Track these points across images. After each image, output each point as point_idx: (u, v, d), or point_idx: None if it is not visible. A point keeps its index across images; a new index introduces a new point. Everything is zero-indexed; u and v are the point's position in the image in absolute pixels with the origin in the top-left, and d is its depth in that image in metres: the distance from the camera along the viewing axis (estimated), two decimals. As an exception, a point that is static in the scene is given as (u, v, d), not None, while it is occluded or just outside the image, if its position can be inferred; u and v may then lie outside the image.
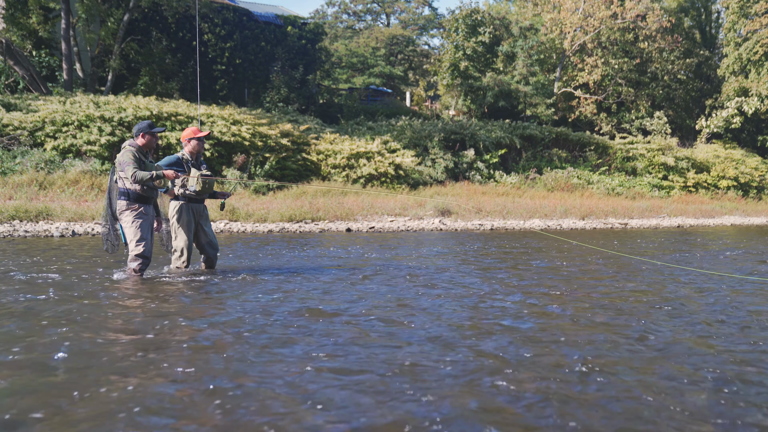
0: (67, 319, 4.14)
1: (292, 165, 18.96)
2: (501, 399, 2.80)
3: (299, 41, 28.84)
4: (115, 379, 2.95)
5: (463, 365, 3.27)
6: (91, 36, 22.24)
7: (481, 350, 3.58)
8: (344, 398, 2.75)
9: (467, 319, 4.41)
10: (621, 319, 4.51)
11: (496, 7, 35.78)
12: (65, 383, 2.88)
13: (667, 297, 5.52)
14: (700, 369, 3.28)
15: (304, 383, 2.94)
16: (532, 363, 3.34)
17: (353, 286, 5.81)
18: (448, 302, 5.05)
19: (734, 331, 4.17)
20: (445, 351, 3.54)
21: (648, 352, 3.59)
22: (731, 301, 5.32)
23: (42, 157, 14.90)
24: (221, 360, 3.31)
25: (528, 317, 4.53)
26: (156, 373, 3.04)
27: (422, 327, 4.12)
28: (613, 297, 5.50)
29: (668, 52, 30.51)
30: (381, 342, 3.71)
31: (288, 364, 3.24)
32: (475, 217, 17.04)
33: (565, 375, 3.14)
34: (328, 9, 52.26)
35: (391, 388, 2.89)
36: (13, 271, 6.34)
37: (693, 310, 4.93)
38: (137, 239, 5.67)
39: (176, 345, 3.58)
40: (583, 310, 4.81)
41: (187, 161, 6.14)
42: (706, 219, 21.30)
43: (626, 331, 4.09)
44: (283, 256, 8.33)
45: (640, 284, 6.33)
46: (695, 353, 3.60)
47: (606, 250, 9.84)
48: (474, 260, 8.32)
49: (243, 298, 5.04)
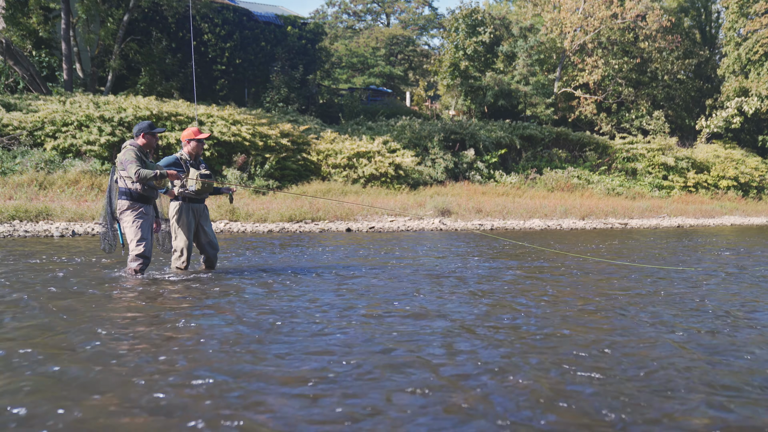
0: (67, 319, 4.14)
1: (292, 165, 18.95)
2: (495, 398, 2.80)
3: (299, 41, 28.84)
4: (114, 378, 2.95)
5: (464, 365, 3.28)
6: (91, 36, 22.23)
7: (480, 352, 3.58)
8: (344, 398, 2.76)
9: (466, 318, 4.41)
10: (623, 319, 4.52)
11: (496, 7, 35.80)
12: (65, 383, 2.88)
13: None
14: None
15: (304, 383, 2.94)
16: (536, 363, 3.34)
17: (353, 285, 5.80)
18: (449, 302, 5.06)
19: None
20: (446, 351, 3.55)
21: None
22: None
23: (42, 157, 14.89)
24: (221, 360, 3.31)
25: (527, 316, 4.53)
26: (156, 373, 3.04)
27: (421, 327, 4.12)
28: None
29: (668, 52, 30.50)
30: (381, 342, 3.71)
31: (288, 364, 3.24)
32: (475, 217, 17.03)
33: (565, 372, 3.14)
34: (328, 9, 52.31)
35: (391, 389, 2.89)
36: (13, 271, 6.34)
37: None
38: (138, 239, 5.67)
39: (176, 345, 3.58)
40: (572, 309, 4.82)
41: (185, 161, 6.14)
42: (706, 219, 21.30)
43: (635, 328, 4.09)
44: (283, 256, 8.33)
45: (640, 286, 6.33)
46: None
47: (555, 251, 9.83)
48: (474, 259, 8.32)
49: (243, 298, 5.04)
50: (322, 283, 5.93)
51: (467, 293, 5.55)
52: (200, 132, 6.23)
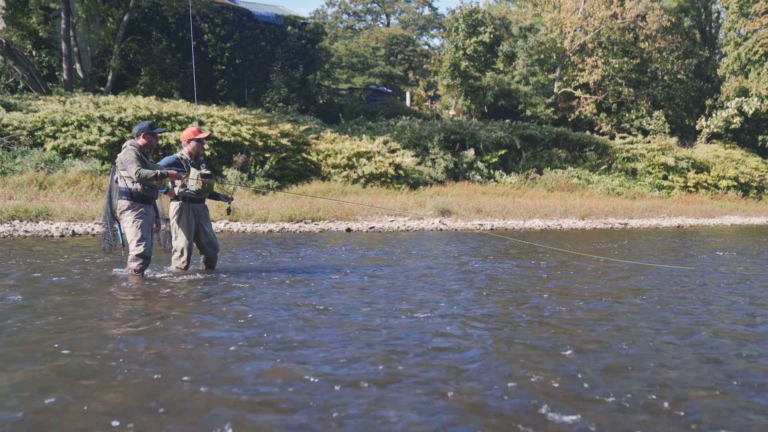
0: (67, 318, 4.14)
1: (292, 165, 18.94)
2: (496, 398, 2.80)
3: (299, 41, 28.84)
4: (114, 378, 2.95)
5: (463, 364, 3.28)
6: (91, 36, 22.23)
7: (478, 353, 3.58)
8: (344, 398, 2.75)
9: (463, 317, 4.41)
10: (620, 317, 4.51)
11: (496, 6, 35.79)
12: (65, 382, 2.88)
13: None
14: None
15: (304, 383, 2.94)
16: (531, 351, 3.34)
17: (354, 285, 5.80)
18: (448, 301, 5.06)
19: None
20: (446, 351, 3.55)
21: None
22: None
23: (42, 157, 14.89)
24: (221, 359, 3.30)
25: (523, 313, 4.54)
26: (155, 373, 3.04)
27: (423, 327, 4.12)
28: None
29: (668, 52, 30.50)
30: (382, 341, 3.71)
31: (288, 364, 3.24)
32: (475, 217, 17.03)
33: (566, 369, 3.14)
34: (328, 9, 52.34)
35: (391, 389, 2.89)
36: (13, 271, 6.34)
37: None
38: (138, 239, 5.67)
39: (175, 345, 3.58)
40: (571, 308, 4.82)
41: (186, 161, 6.14)
42: (706, 219, 21.30)
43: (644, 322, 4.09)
44: (283, 256, 8.33)
45: (637, 283, 6.33)
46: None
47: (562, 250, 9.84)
48: (474, 258, 8.32)
49: (243, 298, 5.04)
50: (322, 282, 5.93)
51: (470, 291, 5.55)
52: (200, 132, 6.23)
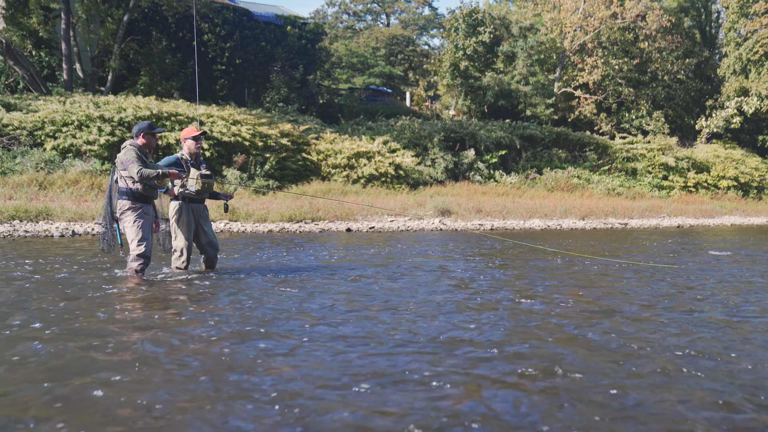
0: (68, 318, 4.14)
1: (292, 165, 18.95)
2: (494, 399, 2.80)
3: (299, 41, 28.84)
4: (114, 378, 2.95)
5: (462, 366, 3.28)
6: (91, 36, 22.23)
7: (481, 353, 3.58)
8: (343, 398, 2.76)
9: (463, 316, 4.41)
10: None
11: (496, 6, 35.79)
12: (65, 382, 2.88)
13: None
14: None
15: (304, 383, 2.94)
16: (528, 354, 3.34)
17: (354, 285, 5.80)
18: (448, 301, 5.05)
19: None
20: (446, 351, 3.55)
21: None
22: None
23: (42, 157, 14.90)
24: (220, 360, 3.31)
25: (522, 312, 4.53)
26: (155, 373, 3.04)
27: (424, 326, 4.12)
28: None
29: (668, 52, 30.51)
30: (383, 341, 3.71)
31: (288, 364, 3.24)
32: (475, 217, 17.04)
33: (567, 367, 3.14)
34: (328, 9, 52.35)
35: (391, 389, 2.89)
36: (13, 271, 6.34)
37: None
38: (138, 239, 5.67)
39: (175, 345, 3.58)
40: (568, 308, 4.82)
41: (186, 161, 6.13)
42: (706, 219, 21.31)
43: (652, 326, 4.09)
44: (283, 256, 8.33)
45: (630, 284, 6.33)
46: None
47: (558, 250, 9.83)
48: (474, 258, 8.32)
49: (243, 298, 5.04)
50: (323, 283, 5.93)
51: (467, 292, 5.55)
52: (196, 130, 6.21)
